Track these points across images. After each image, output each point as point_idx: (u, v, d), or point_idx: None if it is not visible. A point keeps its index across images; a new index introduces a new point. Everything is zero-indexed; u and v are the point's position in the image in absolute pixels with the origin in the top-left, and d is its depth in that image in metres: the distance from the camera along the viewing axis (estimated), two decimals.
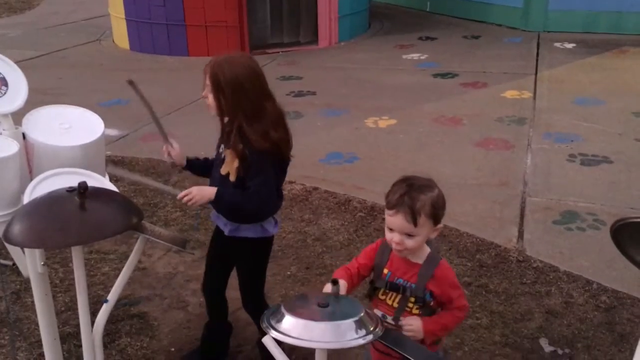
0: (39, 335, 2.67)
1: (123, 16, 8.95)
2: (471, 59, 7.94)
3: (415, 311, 1.89)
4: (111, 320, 3.01)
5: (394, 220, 1.81)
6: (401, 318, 1.88)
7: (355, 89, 6.85)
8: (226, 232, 2.40)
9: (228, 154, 2.29)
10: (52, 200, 1.75)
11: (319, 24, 8.91)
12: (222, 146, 2.37)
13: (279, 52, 8.63)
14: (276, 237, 3.76)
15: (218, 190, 2.26)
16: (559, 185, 4.37)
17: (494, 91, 6.56)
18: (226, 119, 2.32)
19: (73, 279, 2.14)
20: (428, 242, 1.97)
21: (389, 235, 1.85)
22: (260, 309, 2.60)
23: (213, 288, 2.66)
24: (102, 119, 2.58)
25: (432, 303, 1.90)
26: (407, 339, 1.76)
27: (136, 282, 3.35)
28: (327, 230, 3.85)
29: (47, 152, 2.35)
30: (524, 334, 2.90)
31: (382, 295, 1.93)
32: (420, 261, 1.89)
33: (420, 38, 9.23)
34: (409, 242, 1.82)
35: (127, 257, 3.51)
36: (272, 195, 2.33)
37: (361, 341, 1.48)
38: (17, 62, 2.56)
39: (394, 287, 1.90)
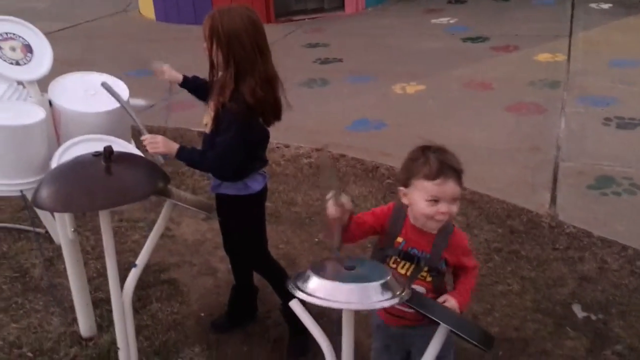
0: (72, 300, 2.73)
1: None
2: (502, 22, 7.72)
3: (428, 279, 1.85)
4: (142, 286, 3.06)
5: (444, 188, 1.72)
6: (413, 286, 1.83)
7: (383, 55, 6.73)
8: (210, 188, 2.42)
9: (210, 106, 2.27)
10: (78, 165, 1.75)
11: None
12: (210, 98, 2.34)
13: (304, 19, 8.51)
14: (303, 204, 3.81)
15: (179, 148, 2.23)
16: (593, 150, 4.25)
17: (526, 54, 6.37)
18: (217, 70, 2.26)
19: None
20: None
21: (431, 208, 1.75)
22: (266, 270, 2.62)
23: (227, 248, 2.67)
24: (130, 88, 2.57)
25: (444, 271, 1.88)
26: (434, 301, 1.72)
27: (165, 249, 3.38)
28: (355, 198, 3.81)
29: (73, 119, 2.36)
30: (556, 299, 2.85)
31: (394, 263, 1.88)
32: (434, 230, 1.84)
33: (449, 2, 8.99)
34: (454, 208, 1.76)
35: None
36: (232, 155, 2.23)
37: (387, 303, 1.45)
38: (45, 34, 2.55)
39: (407, 257, 1.85)
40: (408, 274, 1.87)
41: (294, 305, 1.66)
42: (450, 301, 1.80)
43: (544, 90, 5.39)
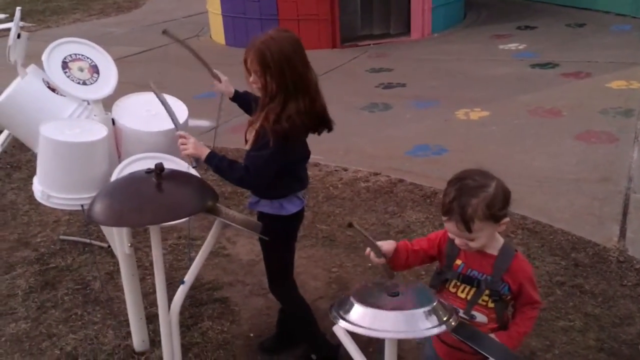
0: (127, 314, 2.79)
1: (219, 12, 9.22)
2: (574, 48, 7.48)
3: (490, 305, 1.78)
4: (195, 303, 3.10)
5: (449, 226, 1.75)
6: (474, 312, 1.78)
7: (447, 81, 6.65)
8: (247, 205, 2.43)
9: (253, 124, 2.28)
10: (130, 181, 1.80)
11: (412, 15, 8.72)
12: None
13: (369, 45, 8.55)
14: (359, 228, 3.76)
15: (209, 153, 2.22)
16: None
17: (598, 81, 6.13)
18: (270, 97, 2.23)
19: (165, 262, 2.21)
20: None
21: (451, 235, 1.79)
22: (284, 294, 2.58)
23: None
24: (196, 111, 2.64)
25: (508, 297, 1.79)
26: (485, 334, 1.65)
27: (220, 268, 3.42)
28: (412, 223, 3.75)
29: (133, 137, 2.44)
30: (622, 339, 2.68)
31: (453, 287, 1.83)
32: (495, 252, 1.79)
33: (519, 27, 8.81)
34: (472, 244, 1.75)
35: (213, 245, 3.63)
36: (262, 171, 2.22)
37: (435, 331, 1.40)
38: (120, 58, 2.67)
39: (467, 280, 1.80)
40: (468, 298, 1.81)
41: (338, 331, 1.63)
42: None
43: (617, 118, 5.15)
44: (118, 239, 2.55)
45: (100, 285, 3.28)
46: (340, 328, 1.62)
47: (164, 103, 2.29)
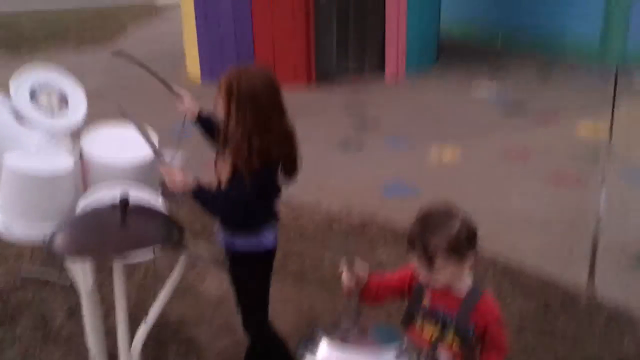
0: (89, 353, 2.68)
1: (196, 49, 9.26)
2: (544, 93, 7.67)
3: (455, 346, 1.75)
4: (159, 342, 3.00)
5: (413, 260, 1.74)
6: (439, 351, 1.75)
7: (421, 121, 6.73)
8: (220, 245, 2.36)
9: (222, 162, 2.26)
10: (94, 214, 1.75)
11: (386, 56, 8.88)
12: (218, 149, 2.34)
13: (344, 83, 8.65)
14: (330, 266, 3.73)
15: (194, 187, 2.18)
16: (636, 225, 4.09)
17: (566, 126, 6.28)
18: (231, 128, 2.24)
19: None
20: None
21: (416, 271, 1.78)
22: (259, 332, 2.52)
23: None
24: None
25: (473, 339, 1.76)
26: None
27: (186, 305, 3.34)
28: (384, 263, 3.72)
29: (102, 168, 2.38)
30: None
31: (420, 326, 1.80)
32: (463, 291, 1.77)
33: (490, 71, 9.02)
34: (436, 281, 1.73)
35: (181, 281, 3.54)
36: (239, 209, 2.24)
37: None
38: (93, 89, 2.63)
39: (432, 318, 1.78)
40: (434, 337, 1.78)
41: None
42: None
43: (585, 162, 5.26)
44: (81, 274, 2.47)
45: (62, 322, 3.16)
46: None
47: (144, 133, 2.24)
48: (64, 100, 2.45)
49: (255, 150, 2.15)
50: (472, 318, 1.75)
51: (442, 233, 1.66)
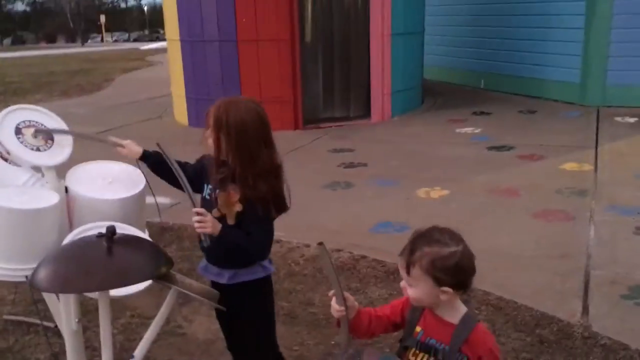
0: None
1: (183, 94, 9.34)
2: (527, 133, 7.78)
3: None
4: None
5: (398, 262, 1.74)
6: None
7: (407, 161, 6.77)
8: (224, 281, 2.28)
9: (223, 197, 2.22)
10: (79, 246, 1.70)
11: (372, 99, 9.01)
12: (211, 188, 2.31)
13: (331, 127, 8.72)
14: (321, 305, 3.66)
15: (223, 229, 2.16)
16: (626, 259, 4.07)
17: (552, 163, 6.34)
18: (223, 160, 2.24)
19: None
20: (465, 302, 1.81)
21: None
22: None
23: (235, 347, 2.54)
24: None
25: None
26: None
27: (174, 348, 3.24)
28: (375, 300, 3.66)
29: (87, 205, 2.35)
30: None
31: (412, 356, 1.75)
32: (455, 321, 1.72)
33: (474, 113, 9.17)
34: (409, 291, 1.71)
35: (169, 322, 3.45)
36: (271, 241, 2.31)
37: None
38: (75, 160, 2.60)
39: (425, 348, 1.73)
40: None
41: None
42: None
43: (572, 198, 5.28)
44: (65, 314, 2.39)
45: None
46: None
47: (178, 174, 2.21)
48: (49, 137, 2.43)
49: (257, 176, 2.15)
50: (464, 349, 1.70)
51: (435, 248, 1.65)
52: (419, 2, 9.72)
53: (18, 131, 2.36)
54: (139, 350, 1.89)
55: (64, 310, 2.38)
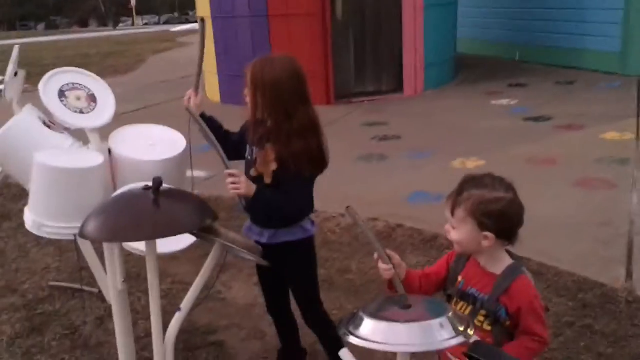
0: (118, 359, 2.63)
1: (215, 71, 9.37)
2: (565, 103, 7.60)
3: (486, 327, 1.67)
4: (189, 347, 2.96)
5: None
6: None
7: (442, 133, 6.69)
8: (264, 240, 2.30)
9: (260, 156, 2.23)
10: (127, 198, 1.73)
11: (405, 73, 8.89)
12: (252, 148, 2.31)
13: (363, 101, 8.66)
14: (357, 272, 3.67)
15: (257, 189, 2.16)
16: None
17: (591, 133, 6.19)
18: (260, 119, 2.24)
19: None
20: (511, 255, 1.78)
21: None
22: (322, 321, 2.50)
23: (275, 308, 2.59)
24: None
25: (507, 322, 1.67)
26: (501, 351, 1.55)
27: (215, 312, 3.29)
28: (413, 267, 3.59)
29: (130, 166, 2.38)
30: None
31: (454, 305, 1.74)
32: (499, 272, 1.70)
33: (510, 85, 8.99)
34: (452, 233, 1.72)
35: (208, 289, 3.49)
36: (310, 198, 2.30)
37: (453, 342, 1.31)
38: (118, 115, 2.64)
39: (465, 297, 1.72)
40: None
41: (344, 355, 1.54)
42: None
43: (613, 166, 5.16)
44: (110, 273, 2.43)
45: (91, 330, 3.13)
46: (346, 352, 1.53)
47: (210, 139, 2.22)
48: (92, 99, 2.46)
49: (290, 136, 2.14)
50: (503, 299, 1.68)
51: (483, 192, 1.63)
52: None
53: (62, 94, 2.40)
54: (185, 304, 1.92)
55: (109, 270, 2.42)
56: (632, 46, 8.83)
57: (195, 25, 9.48)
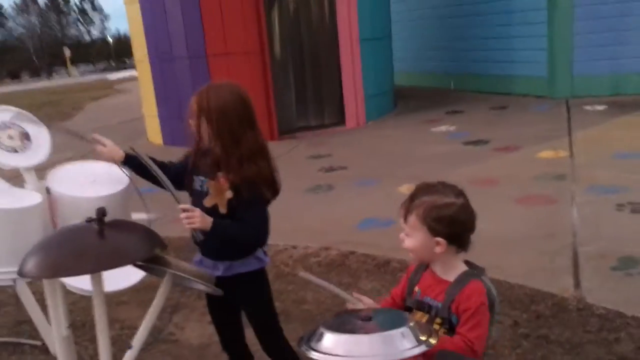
0: None
1: (156, 114, 9.26)
2: (501, 127, 7.87)
3: (441, 333, 1.65)
4: None
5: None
6: None
7: (386, 161, 6.79)
8: (219, 273, 2.23)
9: (212, 185, 2.19)
10: (68, 232, 1.65)
11: (346, 106, 9.03)
12: (199, 179, 2.26)
13: (306, 135, 8.72)
14: (313, 302, 3.61)
15: (214, 221, 2.10)
16: (611, 234, 4.10)
17: (527, 153, 6.41)
18: (206, 148, 2.22)
19: None
20: (471, 265, 1.79)
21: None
22: (285, 349, 2.44)
23: (230, 343, 2.51)
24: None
25: (458, 325, 1.67)
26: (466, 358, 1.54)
27: (168, 354, 3.16)
28: (368, 292, 3.61)
29: (71, 205, 2.28)
30: None
31: (412, 315, 1.72)
32: (451, 279, 1.70)
33: (447, 112, 9.25)
34: (406, 241, 1.72)
35: (160, 332, 3.36)
36: (267, 225, 2.26)
37: (416, 351, 1.28)
38: (53, 163, 2.54)
39: (421, 306, 1.72)
40: None
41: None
42: None
43: (551, 182, 5.34)
44: (54, 320, 2.31)
45: None
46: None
47: (158, 173, 2.16)
48: (26, 137, 2.36)
49: (242, 159, 2.11)
50: (452, 306, 1.67)
51: (434, 197, 1.65)
52: (384, 7, 9.84)
53: None
54: (137, 340, 1.83)
55: (52, 315, 2.29)
56: (557, 70, 9.28)
57: (133, 72, 9.40)
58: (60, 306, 2.19)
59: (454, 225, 1.66)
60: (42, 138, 2.42)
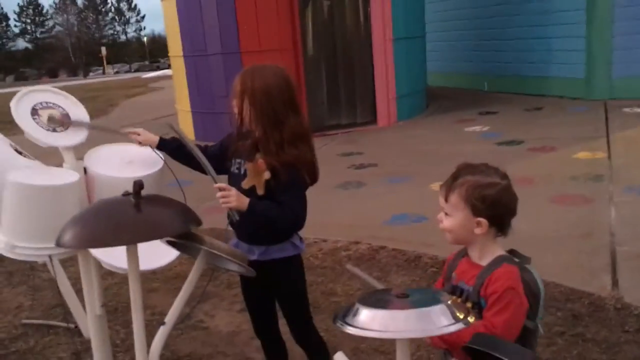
0: None
1: (189, 109, 9.36)
2: (536, 128, 7.74)
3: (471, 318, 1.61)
4: None
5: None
6: None
7: (418, 160, 6.73)
8: (254, 257, 2.20)
9: (250, 167, 2.17)
10: (105, 204, 1.66)
11: (377, 104, 8.99)
12: (238, 161, 2.25)
13: (337, 133, 8.70)
14: (343, 294, 3.59)
15: (251, 201, 2.08)
16: None
17: (564, 154, 6.28)
18: (246, 130, 2.19)
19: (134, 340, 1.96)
20: (513, 253, 1.75)
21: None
22: (314, 337, 2.43)
23: (264, 329, 2.48)
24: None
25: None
26: (503, 342, 1.49)
27: (198, 341, 3.17)
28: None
29: (107, 184, 2.31)
30: None
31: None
32: (484, 263, 1.66)
33: (480, 113, 9.14)
34: (445, 221, 1.69)
35: (191, 318, 3.38)
36: (305, 209, 2.18)
37: (452, 328, 1.25)
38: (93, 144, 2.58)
39: (454, 291, 1.68)
40: None
41: (340, 357, 1.48)
42: None
43: (588, 183, 5.22)
44: (89, 298, 2.34)
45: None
46: (342, 354, 1.47)
47: (196, 153, 2.16)
48: (66, 118, 2.40)
49: (279, 145, 2.09)
50: (482, 288, 1.62)
51: (477, 177, 1.61)
52: (419, 7, 9.77)
53: (34, 112, 2.33)
54: (170, 317, 1.83)
55: (87, 295, 2.32)
56: (595, 72, 9.08)
57: (166, 71, 9.59)
58: (95, 284, 2.21)
59: (497, 206, 1.62)
60: (82, 119, 2.45)
